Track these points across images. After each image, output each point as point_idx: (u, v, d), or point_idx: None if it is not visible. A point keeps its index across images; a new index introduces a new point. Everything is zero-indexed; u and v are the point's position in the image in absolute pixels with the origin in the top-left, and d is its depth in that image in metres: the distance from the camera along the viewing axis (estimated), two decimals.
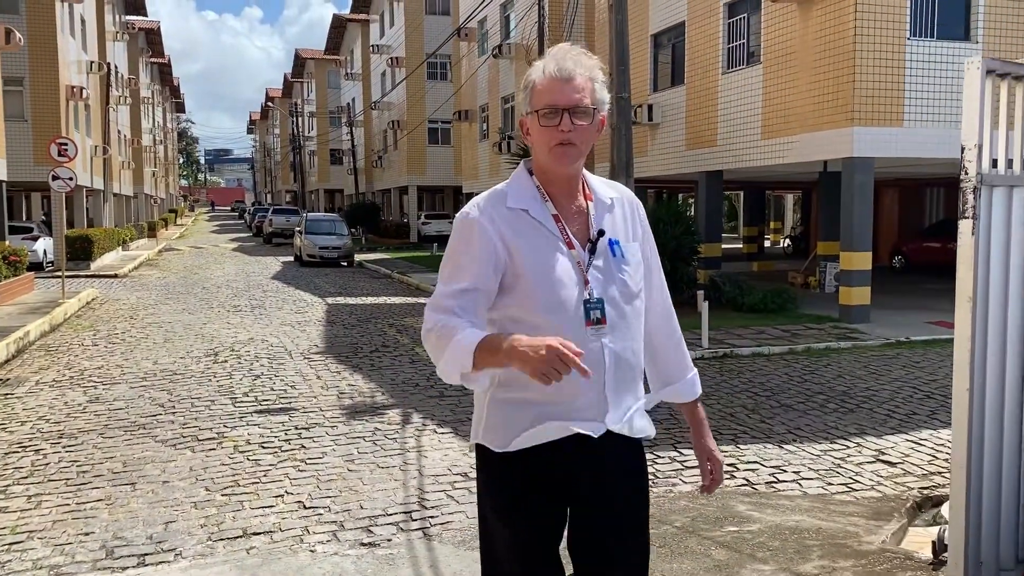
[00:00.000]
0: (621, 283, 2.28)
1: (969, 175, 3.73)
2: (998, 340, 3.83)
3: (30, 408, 8.36)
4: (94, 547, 4.92)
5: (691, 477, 6.21)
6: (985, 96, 3.71)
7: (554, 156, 2.21)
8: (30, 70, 25.36)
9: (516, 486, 2.26)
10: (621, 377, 2.25)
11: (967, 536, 3.68)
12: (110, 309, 16.49)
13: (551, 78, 2.21)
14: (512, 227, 2.21)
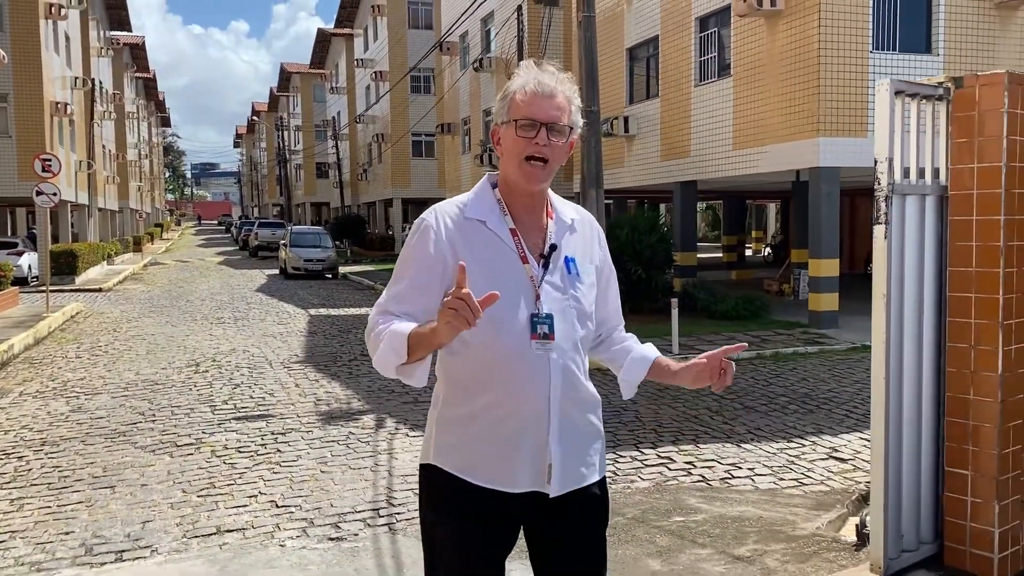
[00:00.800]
0: (574, 299, 2.26)
1: (882, 185, 4.03)
2: (912, 333, 4.11)
3: (13, 418, 8.56)
4: (74, 545, 5.15)
5: (649, 475, 6.49)
6: (895, 114, 4.01)
7: (524, 172, 2.21)
8: (14, 86, 25.54)
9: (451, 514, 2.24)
10: (568, 392, 2.22)
11: (886, 513, 3.96)
12: (94, 322, 16.66)
13: (534, 92, 2.21)
14: (465, 237, 2.22)
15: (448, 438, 2.24)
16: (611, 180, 20.23)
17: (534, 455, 2.19)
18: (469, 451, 2.21)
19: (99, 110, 36.96)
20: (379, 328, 2.16)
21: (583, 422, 2.28)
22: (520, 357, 2.17)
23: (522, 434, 2.18)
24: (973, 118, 3.78)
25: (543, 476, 2.20)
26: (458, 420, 2.23)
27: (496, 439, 2.19)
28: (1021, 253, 3.80)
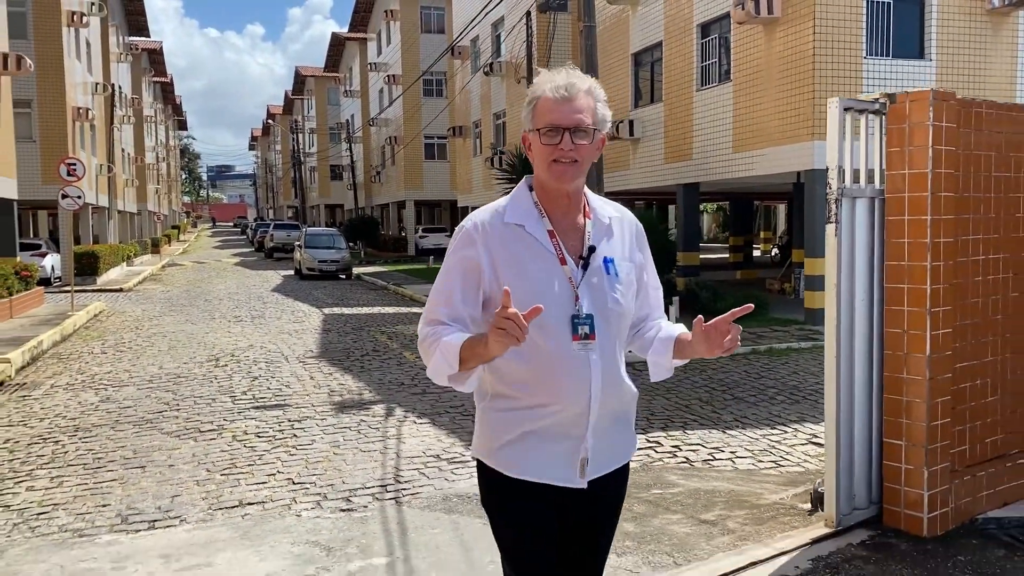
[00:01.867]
0: (613, 300, 2.30)
1: (832, 189, 4.53)
2: (862, 320, 4.61)
3: (47, 407, 9.16)
4: (111, 515, 5.70)
5: (637, 457, 6.99)
6: (845, 128, 4.52)
7: (553, 173, 2.25)
8: (38, 93, 26.30)
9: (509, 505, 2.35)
10: (608, 390, 2.28)
11: (838, 477, 4.47)
12: (117, 321, 17.31)
13: (555, 98, 2.24)
14: (505, 242, 2.27)
15: (494, 432, 2.32)
16: (617, 182, 20.73)
17: (572, 451, 2.28)
18: (513, 448, 2.29)
19: (118, 114, 37.78)
20: (431, 339, 2.23)
21: (619, 417, 2.36)
22: (563, 358, 2.21)
23: (563, 432, 2.26)
24: (904, 130, 4.28)
25: (578, 470, 2.28)
26: (502, 417, 2.30)
27: (539, 436, 2.27)
28: (946, 249, 4.29)
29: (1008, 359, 4.87)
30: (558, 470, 2.27)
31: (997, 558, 4.09)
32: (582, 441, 2.26)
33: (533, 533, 2.32)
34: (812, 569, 3.99)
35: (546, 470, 2.27)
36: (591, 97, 2.28)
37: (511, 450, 2.28)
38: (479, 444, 2.39)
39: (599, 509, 2.39)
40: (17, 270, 17.48)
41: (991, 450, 4.78)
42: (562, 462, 2.27)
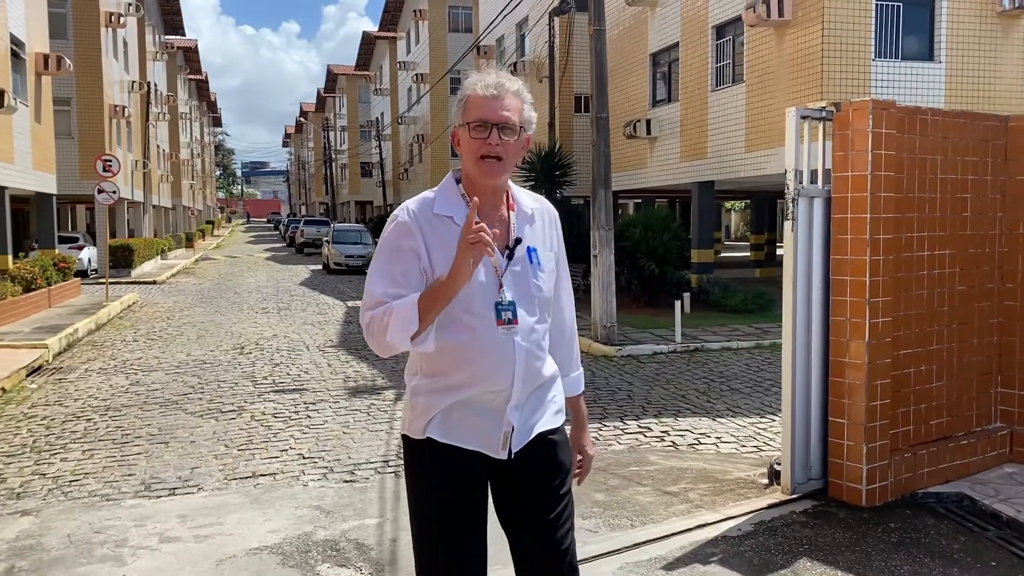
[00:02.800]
0: (535, 287, 2.42)
1: (790, 190, 4.94)
2: (818, 309, 5.02)
3: (81, 389, 9.80)
4: (135, 483, 6.26)
5: (626, 440, 7.43)
6: (802, 134, 4.93)
7: (480, 168, 2.34)
8: (77, 91, 27.20)
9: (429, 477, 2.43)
10: (530, 372, 2.40)
11: (793, 449, 4.90)
12: (149, 311, 18.04)
13: (484, 96, 2.33)
14: (435, 232, 2.37)
15: (423, 406, 2.42)
16: (635, 180, 21.10)
17: (496, 424, 2.39)
18: (442, 418, 2.40)
19: (154, 111, 38.75)
20: (379, 315, 2.30)
21: (541, 394, 2.47)
22: (487, 341, 2.33)
23: (487, 406, 2.38)
24: (847, 136, 4.69)
25: (502, 441, 2.39)
26: (433, 393, 2.41)
27: (465, 410, 2.38)
28: (886, 244, 4.69)
29: (955, 348, 5.26)
30: (482, 439, 2.38)
31: (925, 525, 4.49)
32: (504, 415, 2.37)
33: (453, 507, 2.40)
34: (753, 531, 4.42)
35: (471, 438, 2.38)
36: (519, 98, 2.38)
37: (439, 420, 2.39)
38: (409, 419, 2.47)
39: (535, 478, 2.44)
40: (55, 262, 18.28)
41: (936, 431, 5.17)
42: (486, 433, 2.38)
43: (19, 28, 18.17)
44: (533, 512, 2.43)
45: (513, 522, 2.46)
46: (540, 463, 2.43)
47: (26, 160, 18.35)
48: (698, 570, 3.95)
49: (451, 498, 2.39)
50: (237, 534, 4.88)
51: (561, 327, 2.62)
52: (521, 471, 2.41)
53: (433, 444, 2.39)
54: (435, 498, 2.40)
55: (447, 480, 2.39)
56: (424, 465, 2.42)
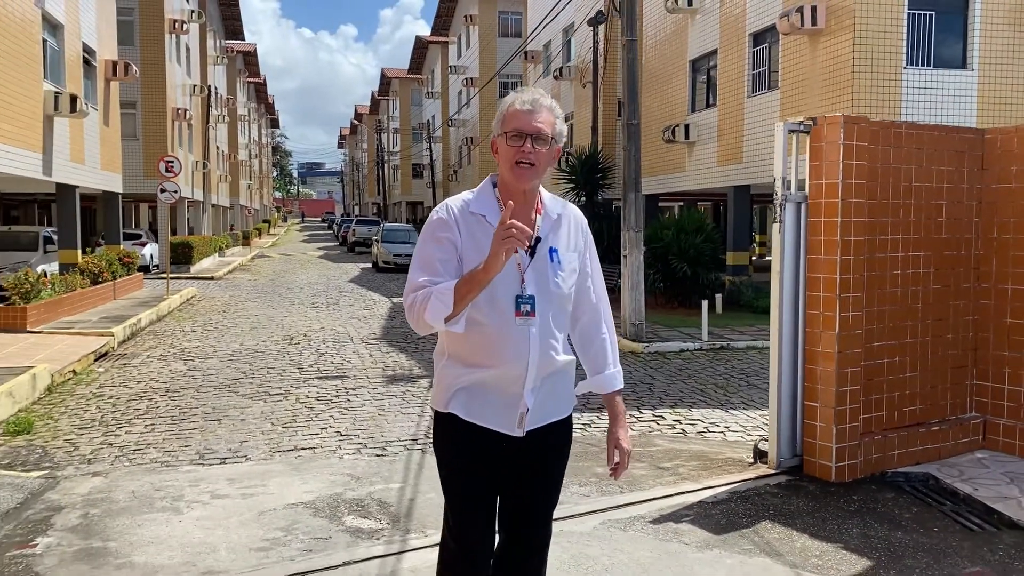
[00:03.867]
0: (554, 284, 2.63)
1: (778, 195, 5.47)
2: (802, 300, 5.53)
3: (143, 373, 10.67)
4: (191, 453, 7.02)
5: (639, 428, 7.97)
6: (789, 145, 5.45)
7: (515, 173, 2.57)
8: (142, 95, 28.56)
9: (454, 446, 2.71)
10: (544, 360, 2.62)
11: (779, 429, 5.43)
12: (206, 304, 19.05)
13: (521, 110, 2.59)
14: (469, 228, 2.61)
15: (449, 385, 2.68)
16: (673, 184, 21.52)
17: (512, 405, 2.63)
18: (464, 396, 2.65)
19: (214, 114, 40.21)
20: (420, 297, 2.55)
21: (556, 381, 2.70)
22: (505, 330, 2.57)
23: (504, 388, 2.62)
24: (821, 147, 5.20)
25: (517, 421, 2.64)
26: (456, 372, 2.67)
27: (484, 391, 2.63)
28: (857, 245, 5.19)
29: (929, 341, 5.72)
30: (499, 419, 2.64)
31: (885, 499, 4.98)
32: (520, 398, 2.61)
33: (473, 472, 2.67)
34: (727, 499, 4.96)
35: (489, 418, 2.64)
36: (551, 113, 2.62)
37: (462, 397, 2.65)
38: (436, 395, 2.75)
39: (543, 455, 2.73)
40: (120, 257, 19.40)
41: (909, 417, 5.64)
42: (503, 413, 2.63)
43: (91, 37, 19.34)
44: (528, 485, 2.74)
45: (509, 487, 2.75)
46: (545, 446, 2.71)
47: (95, 161, 19.50)
48: (670, 527, 4.52)
49: (469, 468, 2.67)
50: (277, 494, 5.57)
51: (594, 323, 2.82)
52: (528, 449, 2.68)
53: (456, 420, 2.65)
54: (465, 472, 2.68)
55: (472, 453, 2.66)
56: (451, 438, 2.69)
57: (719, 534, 4.42)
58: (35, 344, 11.83)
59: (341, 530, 4.70)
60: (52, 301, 14.22)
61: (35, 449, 7.15)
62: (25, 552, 4.39)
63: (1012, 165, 5.74)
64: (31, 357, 10.62)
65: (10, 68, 14.16)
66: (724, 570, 3.96)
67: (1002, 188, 5.80)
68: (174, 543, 4.50)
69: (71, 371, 10.40)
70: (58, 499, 5.41)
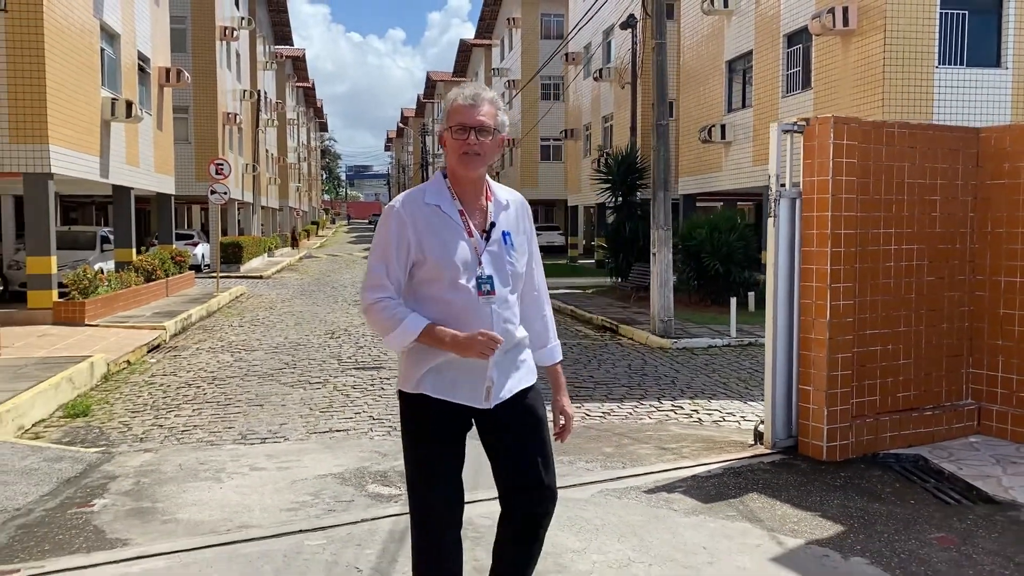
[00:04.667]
0: (508, 264, 2.83)
1: (773, 191, 5.81)
2: (797, 290, 5.86)
3: (192, 364, 11.31)
4: (234, 434, 7.56)
5: (657, 416, 8.33)
6: (782, 145, 5.79)
7: (462, 163, 2.76)
8: (194, 100, 29.59)
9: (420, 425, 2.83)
10: (505, 335, 2.78)
11: (773, 412, 5.77)
12: (254, 302, 19.79)
13: (464, 104, 2.76)
14: (425, 219, 2.78)
15: (418, 368, 2.80)
16: (709, 183, 21.73)
17: (478, 380, 2.78)
18: (434, 377, 2.78)
19: (263, 118, 41.29)
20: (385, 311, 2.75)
21: (514, 355, 2.88)
22: (470, 308, 2.74)
23: (470, 364, 2.76)
24: (813, 146, 5.52)
25: (484, 394, 2.80)
26: (425, 357, 2.78)
27: (452, 369, 2.77)
28: (847, 239, 5.50)
29: (923, 331, 6.00)
30: (467, 394, 2.79)
31: (871, 476, 5.29)
32: (486, 371, 2.77)
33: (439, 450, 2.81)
34: (721, 474, 5.32)
35: (458, 393, 2.78)
36: (493, 106, 2.78)
37: (430, 377, 2.78)
38: (405, 377, 2.85)
39: (516, 425, 2.86)
40: (172, 256, 20.24)
41: (903, 403, 5.93)
42: (470, 388, 2.78)
43: (146, 45, 20.22)
44: (514, 449, 2.87)
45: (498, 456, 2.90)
46: (518, 413, 2.86)
47: (149, 164, 20.38)
48: (662, 496, 4.89)
49: (440, 442, 2.80)
50: (310, 467, 6.06)
51: (535, 301, 3.03)
52: (503, 420, 2.84)
53: (426, 399, 2.77)
54: (432, 444, 2.80)
55: (438, 428, 2.79)
56: (418, 415, 2.81)
57: (707, 503, 4.78)
58: (92, 336, 12.57)
59: (363, 495, 5.17)
60: (108, 297, 15.01)
61: (92, 429, 7.77)
62: (84, 510, 4.93)
63: (1005, 162, 6.00)
64: (89, 348, 11.33)
65: (72, 77, 15.00)
66: (706, 532, 4.33)
67: (995, 184, 6.06)
68: (214, 505, 5.01)
69: (125, 361, 11.08)
70: (112, 470, 5.97)
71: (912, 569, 3.90)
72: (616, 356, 12.07)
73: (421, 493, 2.82)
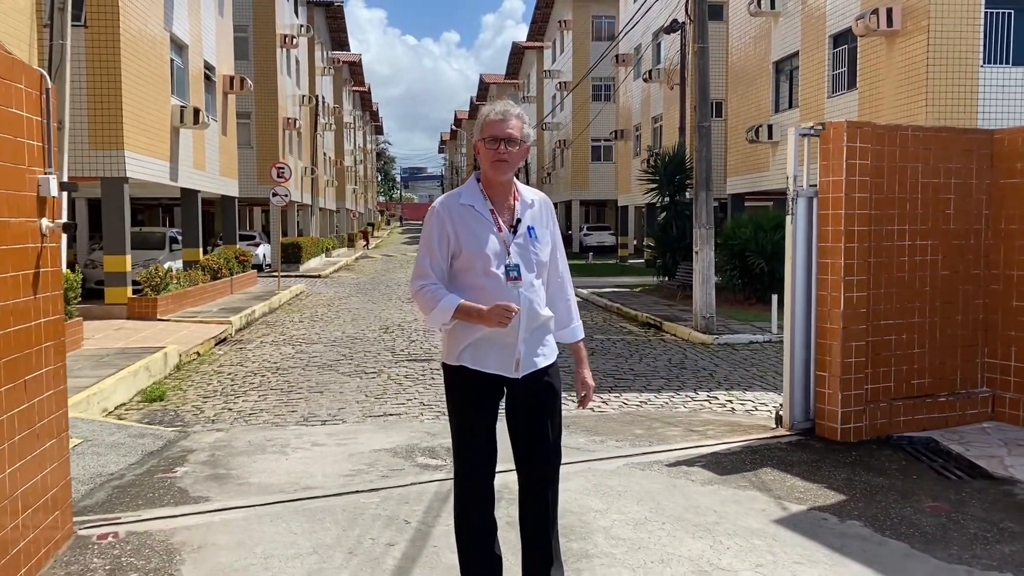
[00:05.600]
0: (534, 254, 3.27)
1: (791, 191, 6.24)
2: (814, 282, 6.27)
3: (256, 355, 12.06)
4: (297, 417, 8.23)
5: (692, 406, 8.77)
6: (799, 148, 6.22)
7: (493, 168, 3.21)
8: (255, 106, 30.70)
9: (459, 391, 3.29)
10: (532, 314, 3.24)
11: (792, 397, 6.20)
12: (313, 299, 20.64)
13: (494, 119, 3.21)
14: (461, 217, 3.24)
15: (459, 344, 3.26)
16: (756, 183, 21.95)
17: (509, 353, 3.24)
18: (471, 351, 3.24)
19: (321, 122, 42.44)
20: (428, 293, 3.21)
21: (540, 334, 3.33)
22: (500, 292, 3.17)
23: (502, 340, 3.21)
24: (828, 148, 5.93)
25: (514, 365, 3.25)
26: (462, 330, 3.24)
27: (487, 345, 3.23)
28: (860, 235, 5.90)
29: (938, 322, 6.36)
30: (500, 365, 3.24)
31: (881, 455, 5.68)
32: (515, 346, 3.23)
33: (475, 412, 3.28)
34: (739, 451, 5.77)
35: (491, 364, 3.24)
36: (520, 120, 3.23)
37: (468, 352, 3.25)
38: (446, 352, 3.33)
39: (537, 394, 3.31)
40: (236, 255, 21.21)
41: (918, 389, 6.30)
42: (503, 360, 3.24)
43: (211, 55, 21.22)
44: (531, 417, 3.31)
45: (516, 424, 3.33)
46: (539, 387, 3.31)
47: (214, 168, 21.38)
48: (682, 469, 5.36)
49: (479, 407, 3.26)
50: (366, 443, 6.66)
51: (559, 287, 3.47)
52: (526, 390, 3.29)
53: (465, 370, 3.24)
54: (469, 407, 3.27)
55: (476, 394, 3.26)
56: (460, 384, 3.28)
57: (722, 475, 5.24)
58: (164, 330, 13.44)
59: (413, 465, 5.75)
60: (178, 293, 15.93)
61: (168, 412, 8.51)
62: (168, 475, 5.60)
63: (1018, 162, 6.32)
64: (162, 340, 12.17)
65: (146, 87, 15.96)
66: (718, 498, 4.80)
67: (1009, 184, 6.39)
68: (281, 472, 5.63)
69: (195, 352, 11.88)
70: (190, 445, 6.64)
71: (901, 530, 4.32)
72: (658, 351, 12.50)
73: (462, 448, 3.31)
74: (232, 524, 4.50)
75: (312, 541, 4.24)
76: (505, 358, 3.24)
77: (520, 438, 3.34)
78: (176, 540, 4.26)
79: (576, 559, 4.00)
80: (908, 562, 3.95)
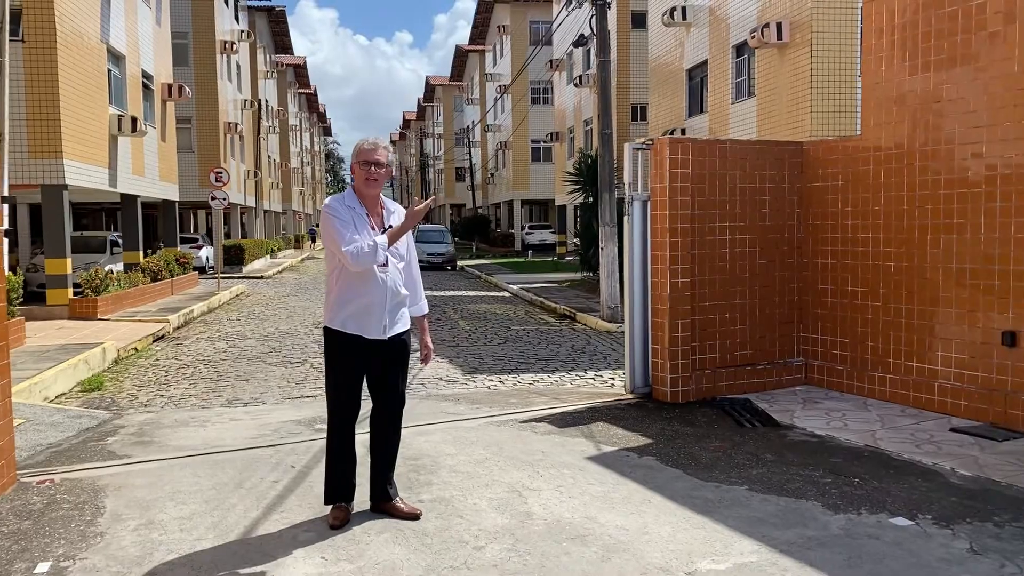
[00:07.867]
0: (395, 249, 4.40)
1: (627, 195, 7.44)
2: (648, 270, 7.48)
3: (191, 351, 12.98)
4: (222, 401, 9.21)
5: (578, 382, 9.92)
6: (635, 159, 7.42)
7: (366, 184, 4.35)
8: (196, 111, 31.33)
9: (339, 349, 4.39)
10: (393, 294, 4.36)
11: (632, 365, 7.40)
12: (253, 299, 21.48)
13: (368, 148, 4.35)
14: (349, 213, 4.32)
15: (338, 312, 4.36)
16: None
17: (379, 320, 4.35)
18: (349, 318, 4.33)
19: (265, 125, 43.03)
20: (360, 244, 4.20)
21: (399, 307, 4.47)
22: (372, 277, 4.32)
23: (372, 310, 4.33)
24: (657, 160, 7.15)
25: (383, 330, 4.37)
26: (343, 303, 4.35)
27: (362, 312, 4.34)
28: (682, 231, 7.12)
29: (757, 303, 7.61)
30: (371, 329, 4.37)
31: (699, 411, 6.90)
32: (383, 316, 4.37)
33: (350, 365, 4.39)
34: (583, 411, 6.95)
35: (365, 328, 4.37)
36: (386, 149, 4.43)
37: (346, 318, 4.37)
38: (329, 317, 4.43)
39: (393, 352, 4.48)
40: (177, 258, 21.95)
41: (740, 359, 7.55)
42: (373, 326, 4.37)
43: (149, 64, 21.94)
44: (385, 371, 4.48)
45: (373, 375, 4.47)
46: (396, 347, 4.49)
47: (154, 173, 22.09)
48: (530, 424, 6.52)
49: (351, 363, 4.38)
50: (276, 417, 7.70)
51: (411, 274, 4.64)
52: (386, 349, 4.43)
53: (343, 334, 4.38)
54: (342, 363, 4.40)
55: (350, 353, 4.37)
56: (338, 344, 4.40)
57: (561, 428, 6.41)
58: (104, 328, 14.27)
59: (310, 430, 6.82)
60: (118, 295, 16.72)
61: (105, 399, 9.44)
62: (100, 443, 6.59)
63: (819, 169, 7.60)
64: (101, 337, 13.03)
65: (83, 97, 16.72)
66: (549, 443, 5.96)
67: (813, 186, 7.67)
68: (197, 439, 6.66)
69: (133, 348, 12.76)
70: (122, 423, 7.62)
71: (681, 462, 5.52)
72: (565, 338, 13.68)
73: (336, 396, 4.46)
74: (148, 471, 5.54)
75: (213, 481, 5.30)
76: (375, 324, 4.33)
77: (379, 382, 4.48)
78: (101, 483, 5.29)
79: (422, 487, 5.12)
80: (676, 482, 5.14)
